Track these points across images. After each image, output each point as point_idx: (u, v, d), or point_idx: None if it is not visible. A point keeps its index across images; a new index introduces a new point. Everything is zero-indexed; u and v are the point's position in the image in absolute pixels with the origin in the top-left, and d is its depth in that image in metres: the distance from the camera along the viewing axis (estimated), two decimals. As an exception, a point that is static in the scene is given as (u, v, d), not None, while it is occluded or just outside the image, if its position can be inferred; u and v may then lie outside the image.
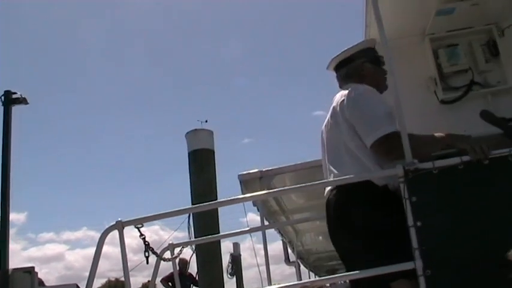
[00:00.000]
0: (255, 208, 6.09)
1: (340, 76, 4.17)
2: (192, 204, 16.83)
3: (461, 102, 5.58)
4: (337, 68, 4.19)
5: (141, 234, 3.56)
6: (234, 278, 17.89)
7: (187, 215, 13.05)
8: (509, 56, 5.66)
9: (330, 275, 12.48)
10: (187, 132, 18.16)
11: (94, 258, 3.38)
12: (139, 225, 3.49)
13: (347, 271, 3.59)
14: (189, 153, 17.90)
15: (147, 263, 3.75)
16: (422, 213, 3.31)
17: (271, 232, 7.58)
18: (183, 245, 4.82)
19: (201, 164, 17.39)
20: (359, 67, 4.03)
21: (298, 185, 4.21)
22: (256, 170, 5.31)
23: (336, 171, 3.82)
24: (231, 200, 3.55)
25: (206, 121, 18.60)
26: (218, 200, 3.73)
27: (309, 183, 3.73)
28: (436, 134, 3.68)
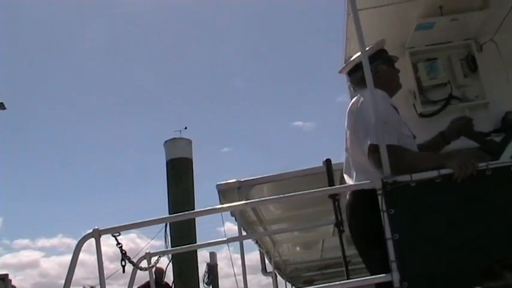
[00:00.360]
0: (233, 218, 6.07)
1: (355, 80, 4.21)
2: (169, 213, 16.79)
3: (439, 116, 5.63)
4: (351, 72, 4.23)
5: (118, 243, 3.54)
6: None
7: (164, 223, 12.95)
8: (487, 71, 5.73)
9: (307, 285, 12.50)
10: (165, 141, 18.13)
11: (70, 266, 3.35)
12: (117, 234, 3.46)
13: None
14: (167, 162, 17.87)
15: (124, 271, 3.73)
16: (399, 225, 3.32)
17: (248, 242, 7.55)
18: (160, 254, 4.79)
19: (179, 173, 17.36)
20: (373, 70, 4.00)
21: (277, 196, 4.20)
22: (234, 180, 5.29)
23: (346, 177, 3.92)
24: (208, 210, 3.54)
25: (186, 128, 18.59)
26: (195, 210, 3.70)
27: (287, 194, 3.72)
28: (430, 154, 3.76)
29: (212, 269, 17.47)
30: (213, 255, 18.68)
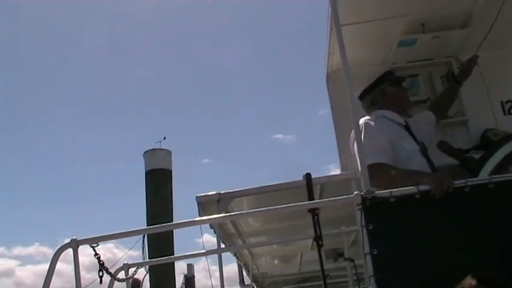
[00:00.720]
0: (212, 230, 6.04)
1: (365, 105, 4.55)
2: (148, 223, 16.72)
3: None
4: (362, 97, 4.40)
5: (96, 254, 3.51)
6: (187, 300, 17.71)
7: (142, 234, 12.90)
8: (467, 89, 5.76)
9: (284, 299, 12.45)
10: (145, 152, 18.11)
11: (46, 277, 3.31)
12: (95, 245, 3.43)
13: None
14: (146, 173, 17.84)
15: (101, 282, 3.69)
16: (378, 241, 3.33)
17: (226, 254, 7.51)
18: (138, 265, 4.76)
19: (158, 184, 17.34)
20: (382, 92, 4.35)
21: (256, 210, 4.21)
22: (214, 192, 5.26)
23: None
24: (187, 222, 3.52)
25: (164, 138, 18.59)
26: (174, 222, 3.65)
27: (267, 208, 3.73)
28: (410, 170, 3.84)
29: (189, 280, 17.43)
30: (190, 266, 18.64)
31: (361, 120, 4.21)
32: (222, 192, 5.39)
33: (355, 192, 3.43)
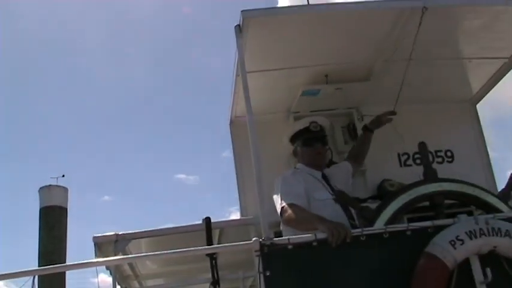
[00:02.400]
0: (108, 270, 5.88)
1: (294, 152, 4.96)
2: (39, 262, 16.12)
3: (319, 180, 5.73)
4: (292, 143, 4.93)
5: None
6: None
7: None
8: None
9: None
10: (40, 188, 17.56)
11: None
12: (-20, 285, 3.27)
13: None
14: (40, 209, 17.28)
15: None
16: (275, 287, 3.34)
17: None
18: (27, 307, 4.54)
19: (52, 222, 16.84)
20: (295, 149, 4.88)
21: (154, 253, 4.14)
22: (112, 233, 5.13)
23: None
24: (82, 264, 3.41)
25: (63, 176, 18.12)
26: (68, 263, 3.51)
27: (165, 252, 3.69)
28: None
29: (82, 323, 16.81)
30: (84, 308, 17.99)
31: (281, 175, 4.62)
32: (120, 233, 5.27)
33: (254, 239, 3.45)
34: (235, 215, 6.97)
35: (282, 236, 3.83)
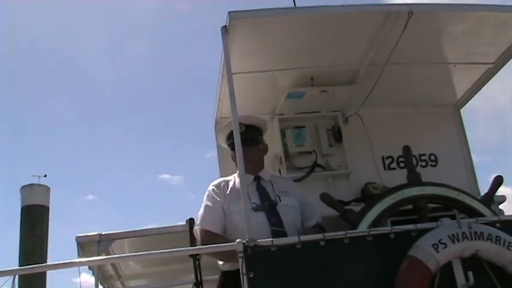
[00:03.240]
0: (90, 270, 5.86)
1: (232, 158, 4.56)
2: (20, 261, 16.03)
3: (304, 182, 5.74)
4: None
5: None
6: None
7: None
8: (351, 143, 5.96)
9: None
10: (22, 186, 17.49)
11: None
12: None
13: None
14: (22, 208, 17.21)
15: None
16: (258, 289, 3.35)
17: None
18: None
19: (33, 221, 16.75)
20: (232, 156, 4.47)
21: (137, 253, 4.13)
22: (95, 233, 5.13)
23: None
24: (63, 264, 3.39)
25: (45, 175, 18.05)
26: (49, 263, 3.46)
27: (148, 252, 3.67)
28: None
29: (63, 324, 16.71)
30: (65, 309, 17.89)
31: (210, 185, 4.46)
32: (103, 233, 5.27)
33: (237, 240, 3.44)
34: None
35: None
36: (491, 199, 4.68)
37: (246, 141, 4.16)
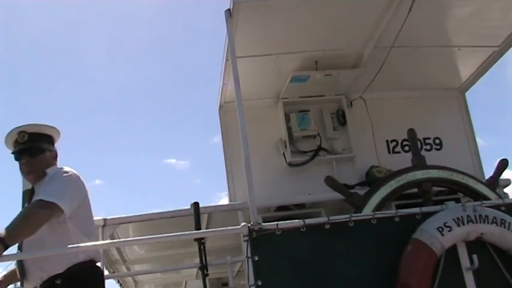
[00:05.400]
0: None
1: None
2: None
3: (308, 166, 5.75)
4: None
5: None
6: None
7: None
8: (355, 126, 5.95)
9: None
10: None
11: None
12: None
13: None
14: (23, 192, 17.25)
15: None
16: (263, 272, 3.35)
17: (109, 280, 7.33)
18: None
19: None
20: None
21: (143, 237, 4.13)
22: (100, 218, 5.13)
23: None
24: (70, 248, 3.37)
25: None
26: (55, 247, 3.45)
27: (153, 236, 3.67)
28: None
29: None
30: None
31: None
32: (108, 217, 5.28)
33: (242, 224, 3.45)
34: (224, 201, 6.97)
35: (270, 222, 3.80)
36: (496, 182, 4.68)
37: (27, 150, 3.86)
